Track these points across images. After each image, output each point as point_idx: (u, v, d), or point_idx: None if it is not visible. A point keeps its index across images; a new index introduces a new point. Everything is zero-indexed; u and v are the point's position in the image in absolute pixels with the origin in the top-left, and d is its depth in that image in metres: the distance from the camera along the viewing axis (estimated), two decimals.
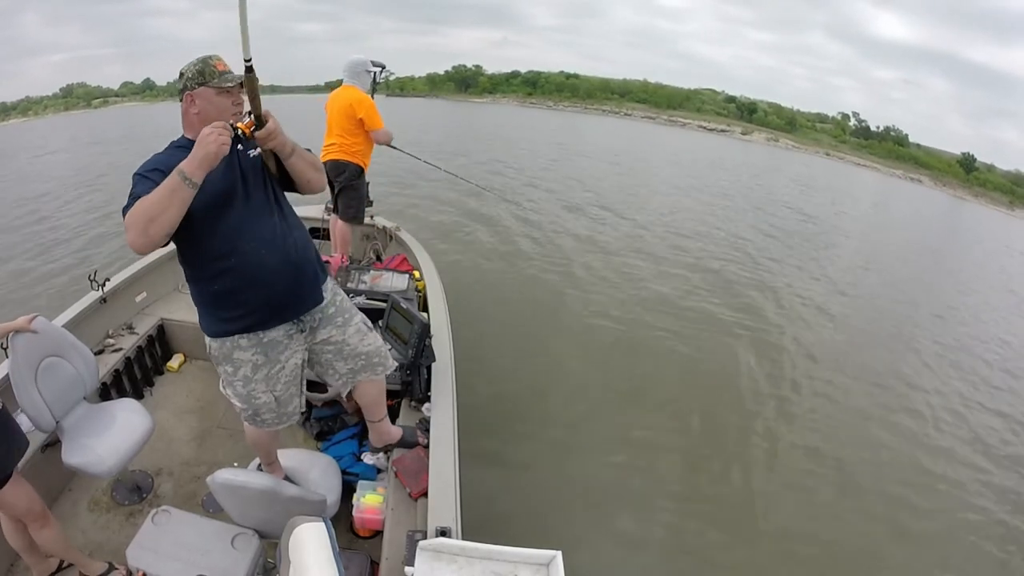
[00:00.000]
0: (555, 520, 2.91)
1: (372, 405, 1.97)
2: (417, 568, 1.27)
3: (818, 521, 3.21)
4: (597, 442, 3.64)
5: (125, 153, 13.76)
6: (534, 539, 1.38)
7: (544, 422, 3.77)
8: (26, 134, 24.84)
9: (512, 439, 3.49)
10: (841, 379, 4.93)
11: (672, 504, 3.19)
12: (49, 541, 1.64)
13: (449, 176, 5.25)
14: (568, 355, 4.84)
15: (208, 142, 1.26)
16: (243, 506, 1.56)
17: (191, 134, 1.44)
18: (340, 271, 3.23)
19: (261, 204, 1.50)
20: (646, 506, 3.15)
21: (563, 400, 4.09)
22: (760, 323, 5.96)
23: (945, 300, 8.25)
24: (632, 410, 4.11)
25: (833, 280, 8.03)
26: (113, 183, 9.84)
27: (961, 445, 4.20)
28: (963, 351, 6.16)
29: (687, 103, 65.96)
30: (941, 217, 23.80)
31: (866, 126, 62.18)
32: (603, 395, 4.29)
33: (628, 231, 9.03)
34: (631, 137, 33.12)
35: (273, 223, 1.51)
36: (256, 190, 1.50)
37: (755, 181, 19.09)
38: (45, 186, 10.41)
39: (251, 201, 1.48)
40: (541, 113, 51.90)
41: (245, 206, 1.47)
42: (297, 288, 1.57)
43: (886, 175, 43.20)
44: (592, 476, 3.31)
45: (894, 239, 13.25)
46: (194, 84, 1.43)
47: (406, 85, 74.15)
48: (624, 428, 3.85)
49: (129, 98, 62.90)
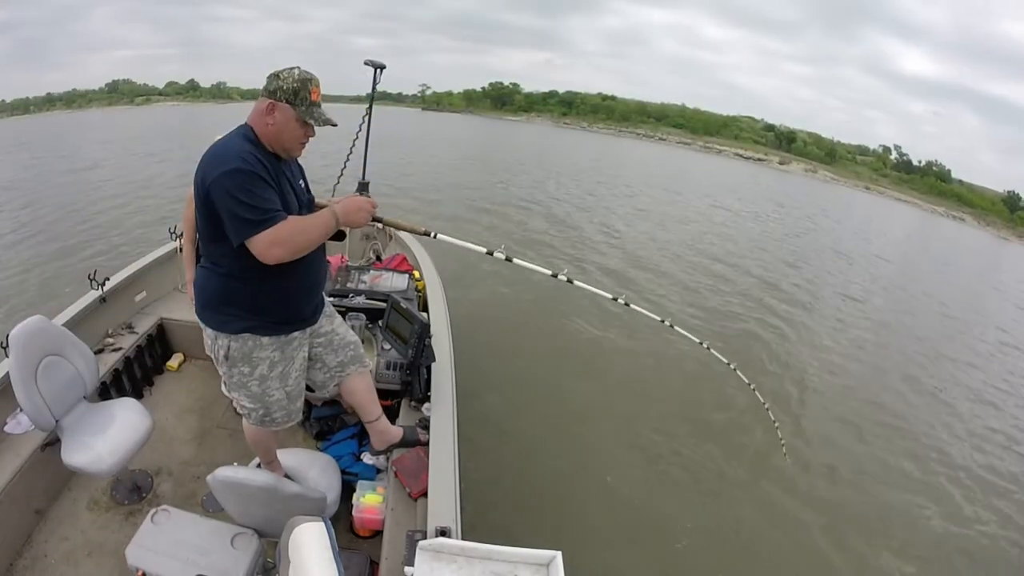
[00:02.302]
0: (555, 520, 2.91)
1: (365, 403, 1.96)
2: (417, 568, 1.27)
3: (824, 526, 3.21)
4: (598, 442, 3.64)
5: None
6: (534, 539, 1.38)
7: (546, 422, 3.77)
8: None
9: (513, 439, 3.49)
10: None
11: (672, 504, 3.19)
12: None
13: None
14: (574, 356, 4.85)
15: (363, 214, 1.54)
16: (243, 504, 1.56)
17: (261, 132, 1.45)
18: (340, 271, 3.22)
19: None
20: (646, 506, 3.15)
21: (564, 400, 4.09)
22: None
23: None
24: (633, 410, 4.11)
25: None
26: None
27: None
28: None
29: (724, 130, 65.00)
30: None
31: (907, 160, 60.43)
32: (603, 395, 4.29)
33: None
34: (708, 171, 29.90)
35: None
36: (305, 210, 1.61)
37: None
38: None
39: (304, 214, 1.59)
40: (574, 135, 50.81)
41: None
42: (322, 290, 1.77)
43: (927, 212, 41.56)
44: (592, 476, 3.31)
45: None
46: (283, 98, 1.42)
47: (443, 100, 74.22)
48: (625, 428, 3.86)
49: (173, 97, 63.30)
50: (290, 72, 1.43)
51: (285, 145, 1.48)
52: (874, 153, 63.58)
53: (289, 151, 1.51)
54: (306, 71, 1.45)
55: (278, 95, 1.42)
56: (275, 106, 1.42)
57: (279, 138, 1.46)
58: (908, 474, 3.93)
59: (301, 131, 1.47)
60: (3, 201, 8.82)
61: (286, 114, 1.42)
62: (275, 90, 1.42)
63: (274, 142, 1.46)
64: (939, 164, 58.17)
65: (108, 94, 60.08)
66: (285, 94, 1.41)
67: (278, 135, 1.45)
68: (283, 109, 1.42)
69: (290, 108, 1.42)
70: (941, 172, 57.01)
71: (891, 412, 4.84)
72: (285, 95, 1.41)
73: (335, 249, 3.60)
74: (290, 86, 1.41)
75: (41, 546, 1.91)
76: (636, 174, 22.93)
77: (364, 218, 1.54)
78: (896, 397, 5.21)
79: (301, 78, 1.43)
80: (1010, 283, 14.70)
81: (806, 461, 3.82)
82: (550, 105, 72.57)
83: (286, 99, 1.41)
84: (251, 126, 1.47)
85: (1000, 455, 4.45)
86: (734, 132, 64.71)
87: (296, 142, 1.49)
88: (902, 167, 59.59)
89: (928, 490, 3.78)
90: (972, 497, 3.77)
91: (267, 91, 1.43)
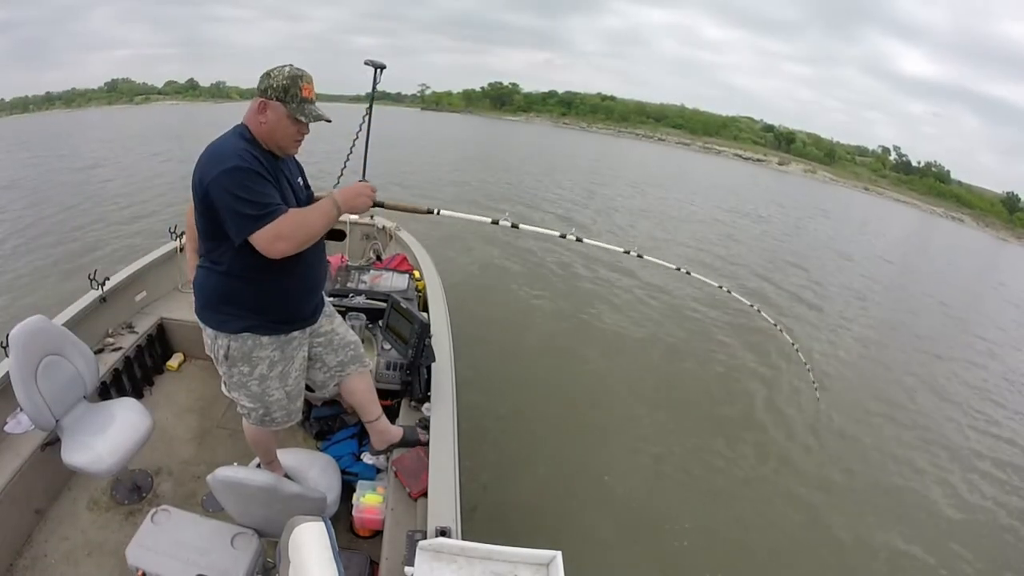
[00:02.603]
0: (555, 520, 2.91)
1: (365, 402, 1.96)
2: (417, 568, 1.27)
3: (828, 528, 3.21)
4: (598, 442, 3.64)
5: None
6: (534, 539, 1.38)
7: (546, 422, 3.77)
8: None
9: (512, 439, 3.49)
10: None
11: (672, 503, 3.19)
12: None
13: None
14: (572, 356, 4.85)
15: (364, 199, 1.52)
16: (243, 504, 1.56)
17: (256, 131, 1.45)
18: (340, 271, 3.22)
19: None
20: (647, 505, 3.15)
21: (565, 401, 4.09)
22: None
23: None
24: (634, 411, 4.11)
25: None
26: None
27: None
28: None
29: (723, 130, 64.70)
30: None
31: (907, 161, 60.07)
32: (604, 395, 4.29)
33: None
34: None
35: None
36: (303, 205, 1.58)
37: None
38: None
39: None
40: (573, 135, 50.54)
41: None
42: (322, 289, 1.77)
43: (926, 213, 41.16)
44: (593, 476, 3.31)
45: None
46: (274, 96, 1.41)
47: (442, 100, 73.99)
48: (625, 428, 3.85)
49: (172, 96, 63.11)
50: (280, 70, 1.43)
51: (279, 143, 1.48)
52: (873, 154, 63.27)
53: (284, 149, 1.50)
54: (297, 68, 1.45)
55: (269, 93, 1.41)
56: (267, 104, 1.42)
57: (273, 136, 1.46)
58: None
59: (294, 128, 1.46)
60: (3, 203, 8.81)
61: (278, 112, 1.42)
62: (266, 88, 1.42)
63: (268, 140, 1.46)
64: (938, 165, 57.88)
65: (107, 93, 59.95)
66: (276, 92, 1.41)
67: (271, 133, 1.45)
68: (275, 107, 1.42)
69: (281, 106, 1.42)
70: (940, 173, 56.65)
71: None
72: (276, 93, 1.41)
73: (335, 249, 3.61)
74: (280, 83, 1.41)
75: (41, 546, 1.91)
76: (637, 174, 22.89)
77: (365, 203, 1.53)
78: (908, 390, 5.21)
79: (291, 75, 1.42)
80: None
81: (816, 458, 3.83)
82: (549, 105, 72.33)
83: (277, 97, 1.41)
84: (246, 125, 1.47)
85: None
86: (733, 132, 64.44)
87: (290, 139, 1.48)
88: (901, 168, 59.24)
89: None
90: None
91: (259, 90, 1.43)
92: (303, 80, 1.43)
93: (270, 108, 1.42)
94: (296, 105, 1.43)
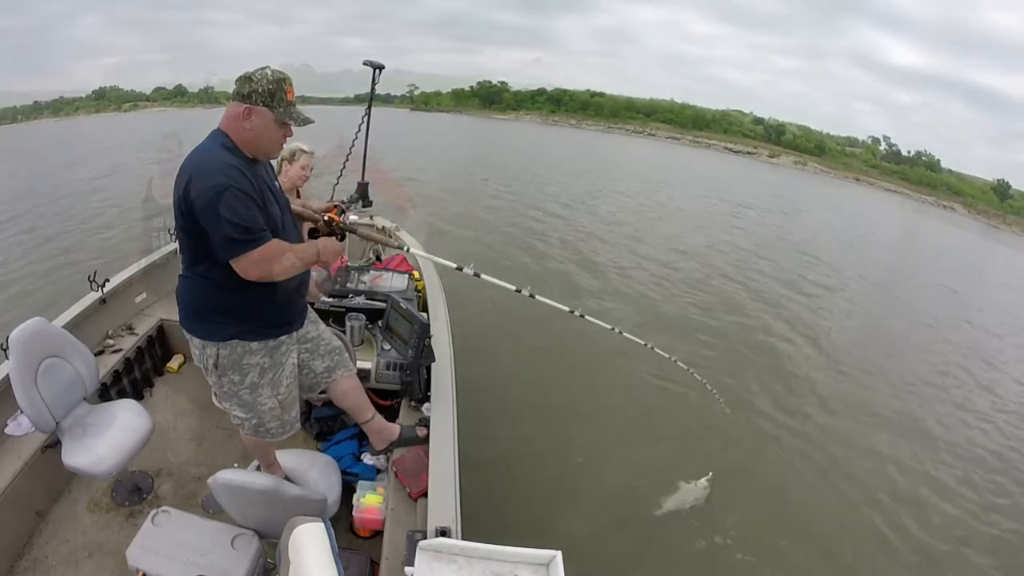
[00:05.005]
0: (555, 520, 2.91)
1: (357, 405, 1.96)
2: (417, 568, 1.27)
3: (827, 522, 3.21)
4: (598, 442, 3.64)
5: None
6: (534, 539, 1.38)
7: (545, 422, 3.76)
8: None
9: (512, 439, 3.49)
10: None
11: (673, 504, 3.19)
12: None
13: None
14: (571, 356, 4.84)
15: (333, 256, 1.62)
16: (244, 506, 1.56)
17: (237, 138, 1.41)
18: (340, 271, 3.22)
19: (291, 223, 1.63)
20: (647, 506, 3.15)
21: (564, 401, 4.09)
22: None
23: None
24: (635, 411, 4.11)
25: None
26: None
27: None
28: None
29: (714, 124, 64.08)
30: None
31: (897, 150, 58.48)
32: (605, 395, 4.29)
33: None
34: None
35: (301, 237, 1.67)
36: (285, 213, 1.60)
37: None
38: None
39: (286, 221, 1.59)
40: (561, 132, 49.96)
41: (286, 227, 1.56)
42: (307, 291, 1.79)
43: (917, 202, 40.86)
44: (593, 476, 3.31)
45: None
46: (259, 100, 1.36)
47: (431, 100, 73.63)
48: (626, 428, 3.85)
49: (160, 103, 62.48)
50: (263, 73, 1.38)
51: (264, 148, 1.45)
52: (863, 144, 62.86)
53: (268, 154, 1.48)
54: (279, 71, 1.40)
55: (254, 98, 1.36)
56: (252, 110, 1.37)
57: (258, 142, 1.42)
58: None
59: (280, 133, 1.43)
60: (4, 207, 8.81)
61: (264, 117, 1.38)
62: (249, 93, 1.36)
63: (252, 147, 1.42)
64: (928, 154, 57.58)
65: (95, 101, 59.32)
66: (261, 96, 1.36)
67: (257, 140, 1.41)
68: (261, 112, 1.38)
69: (268, 111, 1.38)
70: (930, 162, 56.44)
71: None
72: (261, 98, 1.37)
73: None
74: (265, 88, 1.37)
75: (42, 548, 1.91)
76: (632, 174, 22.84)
77: (335, 258, 1.66)
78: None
79: (276, 79, 1.38)
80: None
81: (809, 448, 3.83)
82: (538, 103, 71.53)
83: (263, 102, 1.37)
84: (225, 132, 1.41)
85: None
86: (723, 126, 64.09)
87: (276, 144, 1.46)
88: (891, 158, 58.91)
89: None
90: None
91: (240, 95, 1.37)
92: (286, 83, 1.40)
93: (255, 114, 1.37)
94: (283, 109, 1.39)
